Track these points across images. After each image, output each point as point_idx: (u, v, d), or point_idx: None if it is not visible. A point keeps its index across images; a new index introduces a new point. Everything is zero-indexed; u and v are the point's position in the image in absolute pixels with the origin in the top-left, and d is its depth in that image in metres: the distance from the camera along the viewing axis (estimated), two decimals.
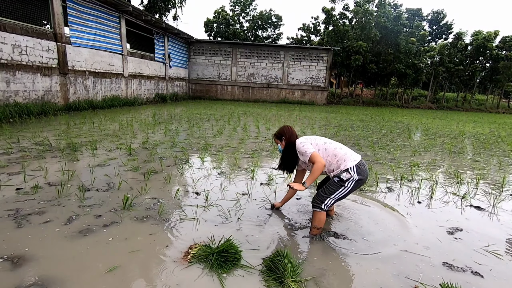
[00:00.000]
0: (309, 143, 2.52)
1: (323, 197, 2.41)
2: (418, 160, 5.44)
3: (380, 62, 23.35)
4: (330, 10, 24.99)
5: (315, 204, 2.44)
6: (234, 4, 36.19)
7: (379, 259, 2.20)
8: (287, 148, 2.63)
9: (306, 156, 2.45)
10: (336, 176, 2.40)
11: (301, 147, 2.51)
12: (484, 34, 23.25)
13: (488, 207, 3.37)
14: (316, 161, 2.37)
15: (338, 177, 2.38)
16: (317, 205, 2.43)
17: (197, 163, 4.60)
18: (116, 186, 3.39)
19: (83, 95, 11.24)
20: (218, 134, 7.10)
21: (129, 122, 8.38)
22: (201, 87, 22.36)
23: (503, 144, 7.79)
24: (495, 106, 25.99)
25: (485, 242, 2.53)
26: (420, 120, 14.05)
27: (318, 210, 2.42)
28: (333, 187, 2.40)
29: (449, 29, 37.22)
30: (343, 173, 2.37)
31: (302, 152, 2.49)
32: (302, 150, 2.50)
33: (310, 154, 2.41)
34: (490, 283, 1.98)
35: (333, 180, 2.41)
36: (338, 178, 2.39)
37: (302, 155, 2.50)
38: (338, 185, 2.39)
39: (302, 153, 2.49)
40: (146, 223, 2.57)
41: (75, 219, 2.57)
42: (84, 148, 5.10)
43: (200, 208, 2.93)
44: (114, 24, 12.77)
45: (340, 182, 2.38)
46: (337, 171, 2.40)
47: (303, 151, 2.48)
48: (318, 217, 2.45)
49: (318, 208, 2.42)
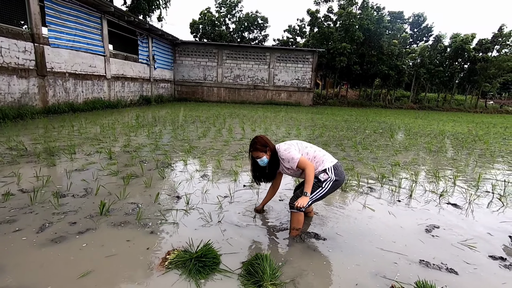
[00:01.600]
0: (293, 149, 2.48)
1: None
2: (399, 160, 5.55)
3: (364, 63, 23.84)
4: (315, 12, 25.31)
5: (293, 205, 2.44)
6: (220, 6, 36.09)
7: (358, 258, 2.22)
8: (273, 158, 2.52)
9: (294, 163, 2.40)
10: (314, 177, 2.40)
11: (287, 154, 2.44)
12: (462, 37, 24.14)
13: (464, 204, 3.47)
14: (307, 165, 2.36)
15: (316, 177, 2.40)
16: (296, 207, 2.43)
17: (179, 166, 4.53)
18: (93, 192, 3.28)
19: (63, 97, 10.90)
20: (202, 136, 7.03)
21: (111, 125, 8.18)
22: (187, 88, 22.14)
23: (480, 143, 8.07)
24: (473, 106, 26.99)
25: (461, 238, 2.60)
26: (403, 120, 14.40)
27: (296, 211, 2.42)
28: (313, 188, 2.40)
29: (429, 32, 38.42)
30: (321, 174, 2.39)
31: (289, 158, 2.42)
32: (288, 157, 2.43)
33: (297, 160, 2.39)
34: (464, 279, 2.03)
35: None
36: (316, 179, 2.40)
37: (289, 161, 2.42)
38: (315, 186, 2.40)
39: (289, 160, 2.42)
40: (123, 229, 2.49)
41: (48, 227, 2.47)
42: (61, 152, 4.93)
43: (181, 212, 2.87)
44: (96, 24, 12.47)
45: (318, 183, 2.40)
46: (316, 172, 2.42)
47: (289, 157, 2.42)
48: (297, 218, 2.45)
49: (296, 209, 2.42)
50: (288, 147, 2.48)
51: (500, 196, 3.75)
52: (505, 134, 10.46)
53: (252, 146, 2.50)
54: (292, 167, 2.43)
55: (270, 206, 3.14)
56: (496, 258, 2.31)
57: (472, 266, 2.19)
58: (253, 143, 2.50)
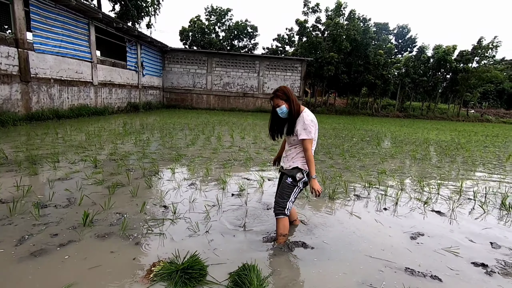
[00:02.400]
0: (314, 127, 2.40)
1: (283, 203, 2.46)
2: (385, 167, 5.66)
3: (351, 72, 24.37)
4: (303, 22, 25.82)
5: (279, 212, 2.47)
6: (209, 14, 36.41)
7: (346, 266, 2.23)
8: (292, 110, 2.37)
9: (306, 134, 2.33)
10: (289, 176, 2.46)
11: (310, 123, 2.35)
12: (444, 48, 25.08)
13: (448, 211, 3.55)
14: (309, 148, 2.34)
15: (292, 177, 2.44)
16: (281, 212, 2.47)
17: (167, 174, 4.47)
18: (77, 202, 3.19)
19: (47, 104, 10.64)
20: (191, 144, 6.98)
21: (97, 133, 8.02)
22: (176, 95, 22.02)
23: (463, 151, 8.33)
24: (455, 115, 27.91)
25: (444, 245, 2.65)
26: (389, 128, 14.72)
27: (282, 216, 2.46)
28: (288, 189, 2.46)
29: (413, 43, 39.78)
30: (298, 173, 2.44)
31: (307, 128, 2.33)
32: (307, 127, 2.34)
33: (310, 137, 2.34)
34: (447, 286, 2.07)
35: (287, 182, 2.46)
36: (291, 179, 2.45)
37: (304, 128, 2.33)
38: (292, 186, 2.46)
39: (305, 128, 2.33)
40: (107, 241, 2.43)
41: (27, 239, 2.38)
42: (44, 161, 4.79)
43: (167, 222, 2.83)
44: (83, 30, 12.32)
45: (294, 182, 2.45)
46: (294, 164, 2.46)
47: (308, 128, 2.34)
48: (283, 224, 2.48)
49: (282, 215, 2.46)
50: (313, 121, 2.40)
51: (482, 203, 3.86)
52: (486, 142, 10.84)
53: (274, 93, 2.40)
54: (301, 134, 2.35)
55: (257, 215, 3.13)
56: (478, 265, 2.36)
57: (455, 272, 2.24)
58: (276, 91, 2.40)
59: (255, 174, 4.77)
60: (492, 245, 2.72)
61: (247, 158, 5.80)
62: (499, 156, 7.79)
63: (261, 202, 3.55)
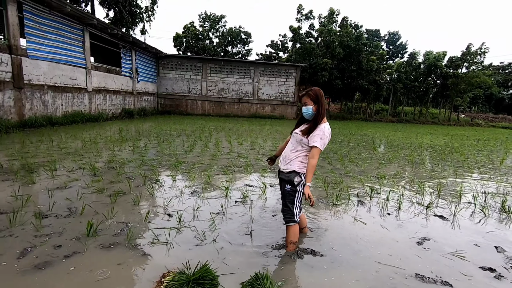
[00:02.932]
0: (327, 138, 2.42)
1: (291, 211, 2.47)
2: (384, 172, 5.70)
3: (344, 78, 24.68)
4: (297, 29, 26.13)
5: (288, 220, 2.49)
6: (203, 20, 36.55)
7: (357, 273, 2.22)
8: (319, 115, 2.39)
9: (319, 144, 2.34)
10: (287, 183, 2.46)
11: (327, 136, 2.40)
12: (434, 54, 25.65)
13: (450, 215, 3.59)
14: (316, 157, 2.37)
15: (290, 182, 2.44)
16: (290, 219, 2.48)
17: (168, 182, 4.42)
18: (78, 211, 3.12)
19: (40, 110, 10.47)
20: (189, 151, 6.93)
21: (93, 139, 7.90)
22: (170, 101, 21.93)
23: (457, 155, 8.47)
24: (447, 119, 28.43)
25: (450, 249, 2.67)
26: (383, 133, 14.90)
27: (293, 224, 2.47)
28: (290, 196, 2.47)
29: (404, 49, 40.60)
30: (295, 177, 2.44)
31: (324, 139, 2.37)
32: (324, 138, 2.37)
33: (322, 147, 2.37)
34: None
35: (286, 189, 2.47)
36: (290, 185, 2.45)
37: (321, 138, 2.36)
38: (292, 192, 2.46)
39: (321, 138, 2.36)
40: (113, 251, 2.37)
41: (30, 251, 2.31)
42: (41, 169, 4.68)
43: (173, 231, 2.78)
44: (77, 37, 12.22)
45: (293, 187, 2.45)
46: (291, 167, 2.46)
47: (324, 139, 2.37)
48: (293, 231, 2.49)
49: (292, 222, 2.47)
50: (329, 136, 2.45)
51: (482, 207, 3.92)
52: (478, 146, 11.05)
53: (306, 91, 2.41)
54: (315, 141, 2.36)
55: (262, 223, 3.11)
56: (486, 269, 2.38)
57: (465, 278, 2.25)
58: (309, 89, 2.42)
59: (257, 180, 4.75)
60: (497, 249, 2.75)
61: (247, 164, 5.78)
62: (493, 160, 7.94)
63: (266, 209, 3.53)
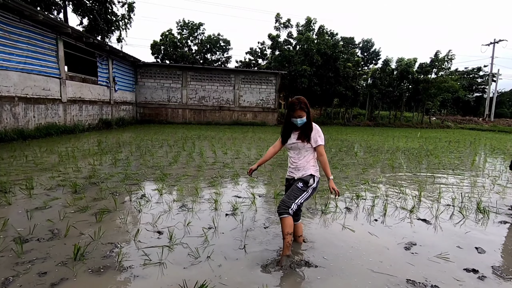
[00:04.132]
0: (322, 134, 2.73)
1: (288, 202, 2.56)
2: (367, 178, 5.89)
3: (323, 84, 25.33)
4: (275, 37, 26.60)
5: (283, 211, 2.54)
6: (181, 28, 36.35)
7: (352, 282, 2.27)
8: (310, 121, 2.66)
9: (321, 141, 2.63)
10: (301, 181, 2.61)
11: (320, 131, 2.67)
12: (406, 61, 26.97)
13: (431, 218, 3.77)
14: (325, 153, 2.68)
15: (305, 182, 2.61)
16: (284, 211, 2.54)
17: (155, 196, 4.31)
18: (62, 233, 2.98)
19: (11, 124, 9.90)
20: (173, 162, 6.81)
21: (71, 153, 7.57)
22: (150, 110, 21.48)
23: (432, 157, 8.91)
24: (419, 122, 29.86)
25: (436, 252, 2.80)
26: (362, 137, 15.39)
27: (286, 215, 2.53)
28: (298, 192, 2.60)
29: (377, 56, 42.38)
30: (311, 179, 2.62)
31: (322, 136, 2.66)
32: (322, 135, 2.66)
33: (324, 142, 2.66)
34: None
35: (297, 186, 2.61)
36: (302, 183, 2.60)
37: (319, 136, 2.64)
38: (301, 190, 2.61)
39: (319, 136, 2.64)
40: (104, 276, 2.28)
41: (13, 281, 2.17)
42: (17, 188, 4.42)
43: (165, 250, 2.72)
44: (51, 46, 11.75)
45: (304, 187, 2.61)
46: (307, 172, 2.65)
47: (322, 136, 2.67)
48: (287, 223, 2.54)
49: (286, 214, 2.54)
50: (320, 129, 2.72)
51: (460, 208, 4.14)
52: (450, 148, 11.68)
53: (299, 105, 2.58)
54: (317, 141, 2.63)
55: (254, 234, 3.11)
56: (470, 271, 2.52)
57: (452, 280, 2.36)
58: (299, 103, 2.59)
59: (245, 191, 4.75)
60: (477, 250, 2.92)
61: (234, 174, 5.77)
62: (465, 162, 8.42)
63: (257, 220, 3.53)
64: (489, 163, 8.35)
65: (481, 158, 9.47)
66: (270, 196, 4.53)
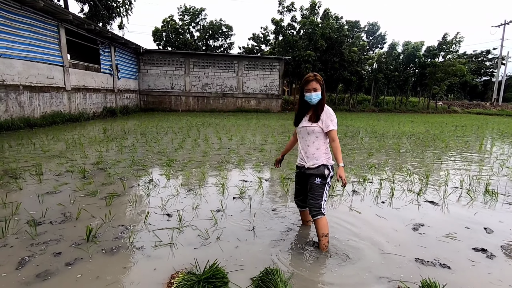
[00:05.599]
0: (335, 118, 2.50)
1: (318, 203, 2.46)
2: (373, 162, 5.86)
3: (327, 70, 24.93)
4: (279, 21, 26.02)
5: (317, 213, 2.45)
6: (183, 14, 35.70)
7: (361, 262, 2.29)
8: (324, 99, 2.46)
9: (333, 125, 2.42)
10: (317, 176, 2.47)
11: (333, 114, 2.46)
12: (413, 44, 26.32)
13: (439, 200, 3.76)
14: (337, 138, 2.45)
15: (322, 175, 2.46)
16: (318, 212, 2.45)
17: (162, 181, 4.35)
18: (73, 216, 3.03)
19: (17, 112, 9.96)
20: (179, 148, 6.84)
21: (77, 140, 7.63)
22: (153, 98, 21.43)
23: (439, 141, 8.82)
24: (425, 107, 29.43)
25: (444, 233, 2.80)
26: (368, 123, 15.25)
27: (320, 216, 2.45)
28: (320, 189, 2.48)
29: (383, 39, 41.39)
30: (325, 170, 2.47)
31: (334, 120, 2.44)
32: (334, 119, 2.44)
33: (336, 127, 2.45)
34: (457, 272, 2.19)
35: (316, 183, 2.47)
36: (319, 178, 2.47)
37: (331, 120, 2.43)
38: (322, 185, 2.48)
39: (331, 120, 2.43)
40: (117, 255, 2.33)
41: (29, 261, 2.23)
42: (27, 174, 4.49)
43: (175, 231, 2.76)
44: (52, 33, 11.65)
45: (323, 181, 2.48)
46: (318, 162, 2.48)
47: (334, 120, 2.44)
48: (323, 224, 2.46)
49: (320, 215, 2.45)
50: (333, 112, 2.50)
51: (468, 190, 4.12)
52: (457, 133, 11.54)
53: (315, 77, 2.39)
54: (329, 125, 2.42)
55: (264, 218, 3.14)
56: (478, 250, 2.52)
57: (460, 259, 2.37)
58: (315, 75, 2.41)
59: (252, 175, 4.76)
60: (486, 230, 2.92)
61: (240, 160, 5.78)
62: (472, 145, 8.33)
63: (264, 203, 3.56)
64: (497, 147, 8.25)
65: (489, 142, 9.35)
66: (276, 180, 4.55)
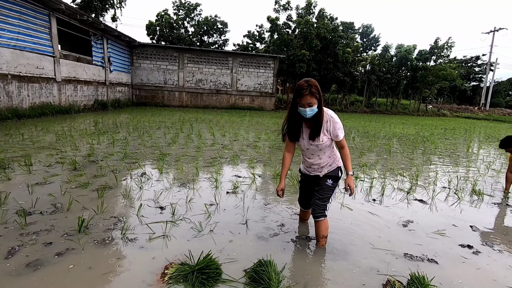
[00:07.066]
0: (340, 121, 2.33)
1: (324, 205, 2.41)
2: (365, 161, 5.95)
3: (321, 70, 25.09)
4: (274, 20, 26.02)
5: (320, 214, 2.39)
6: (178, 8, 35.26)
7: (353, 256, 2.34)
8: (322, 112, 2.20)
9: (342, 133, 2.26)
10: (330, 178, 2.42)
11: (338, 121, 2.26)
12: (405, 47, 26.72)
13: (428, 199, 3.85)
14: (346, 145, 2.36)
15: (333, 178, 2.42)
16: (322, 214, 2.40)
17: (155, 174, 4.32)
18: (64, 207, 2.99)
19: (4, 102, 9.71)
20: (172, 143, 6.79)
21: (68, 132, 7.49)
22: (146, 93, 21.17)
23: (428, 143, 9.00)
24: (416, 110, 29.96)
25: (432, 230, 2.88)
26: (360, 123, 15.43)
27: (323, 218, 2.41)
28: (329, 191, 2.43)
29: (376, 42, 41.82)
30: (338, 171, 2.44)
31: (341, 127, 2.25)
32: (341, 126, 2.25)
33: (343, 133, 2.30)
34: (444, 267, 2.26)
35: (327, 184, 2.42)
36: (331, 180, 2.42)
37: (339, 128, 2.23)
38: (333, 188, 2.43)
39: (339, 128, 2.24)
40: (109, 247, 2.31)
41: (19, 250, 2.19)
42: (16, 164, 4.39)
43: (168, 224, 2.75)
44: (43, 22, 11.36)
45: (334, 183, 2.43)
46: (331, 167, 2.43)
47: (342, 127, 2.27)
48: (324, 225, 2.43)
49: (323, 217, 2.40)
50: (335, 115, 2.31)
51: (456, 190, 4.23)
52: (446, 135, 11.80)
53: (309, 89, 2.06)
54: (338, 135, 2.26)
55: (257, 212, 3.16)
56: (465, 246, 2.61)
57: (448, 254, 2.45)
58: (309, 86, 2.06)
59: (245, 171, 4.78)
60: (472, 228, 3.01)
61: (233, 156, 5.78)
62: (460, 148, 8.54)
63: (257, 198, 3.58)
64: (484, 149, 8.48)
65: (476, 145, 9.59)
66: (270, 176, 4.58)
